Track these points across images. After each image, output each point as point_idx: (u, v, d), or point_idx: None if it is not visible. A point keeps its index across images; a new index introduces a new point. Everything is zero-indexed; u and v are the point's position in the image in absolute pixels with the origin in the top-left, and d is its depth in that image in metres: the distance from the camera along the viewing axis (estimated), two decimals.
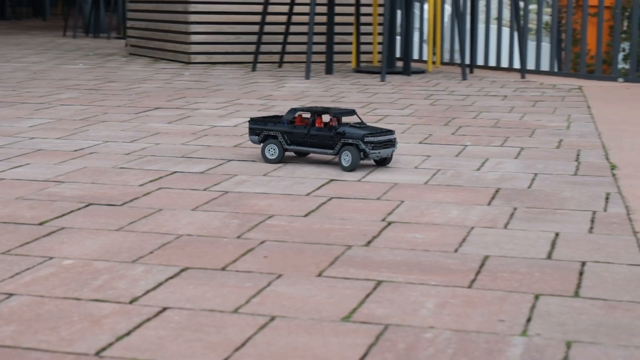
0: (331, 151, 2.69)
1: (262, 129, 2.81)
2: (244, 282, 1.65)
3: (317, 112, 2.73)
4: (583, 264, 1.79)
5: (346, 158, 2.65)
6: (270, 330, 1.42)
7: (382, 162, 2.74)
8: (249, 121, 2.85)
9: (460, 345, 1.37)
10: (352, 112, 2.75)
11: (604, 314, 1.51)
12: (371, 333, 1.41)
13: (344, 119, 3.83)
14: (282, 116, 2.83)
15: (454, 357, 1.32)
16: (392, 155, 2.72)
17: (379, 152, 2.65)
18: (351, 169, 2.65)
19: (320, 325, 1.45)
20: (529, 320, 1.48)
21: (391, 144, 2.69)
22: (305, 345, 1.36)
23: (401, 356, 1.32)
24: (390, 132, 2.70)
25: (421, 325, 1.45)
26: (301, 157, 2.86)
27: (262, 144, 2.79)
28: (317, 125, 2.73)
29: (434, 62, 6.51)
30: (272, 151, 2.77)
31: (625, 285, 1.66)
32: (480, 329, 1.44)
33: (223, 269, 1.74)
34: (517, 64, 6.27)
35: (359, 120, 2.87)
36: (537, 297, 1.59)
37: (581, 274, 1.73)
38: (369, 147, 2.63)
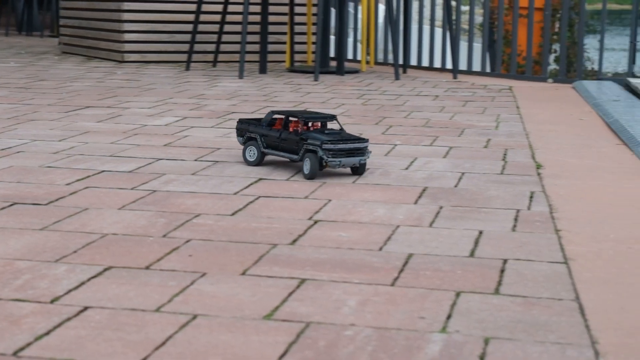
0: (296, 157, 2.60)
1: (245, 130, 2.74)
2: (168, 281, 1.65)
3: (288, 115, 2.63)
4: (505, 261, 1.82)
5: (306, 165, 2.55)
6: (191, 328, 1.42)
7: (356, 171, 2.61)
8: (237, 121, 2.81)
9: (380, 343, 1.38)
10: (329, 118, 2.62)
11: (523, 311, 1.53)
12: (292, 331, 1.42)
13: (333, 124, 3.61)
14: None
15: (373, 355, 1.33)
16: (361, 164, 2.57)
17: (340, 161, 2.51)
18: (309, 176, 2.54)
19: (242, 323, 1.45)
20: (449, 317, 1.50)
21: (358, 152, 2.54)
22: (225, 343, 1.36)
23: (321, 354, 1.33)
24: (360, 140, 2.56)
25: (342, 323, 1.46)
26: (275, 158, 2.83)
27: (244, 145, 2.74)
28: (291, 129, 2.65)
29: (367, 62, 6.54)
30: (252, 153, 2.71)
31: (545, 282, 1.69)
32: (400, 326, 1.45)
33: (147, 268, 1.73)
34: (449, 65, 6.33)
35: (340, 127, 2.69)
36: (458, 294, 1.61)
37: (502, 271, 1.75)
38: (328, 155, 2.51)
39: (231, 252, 1.85)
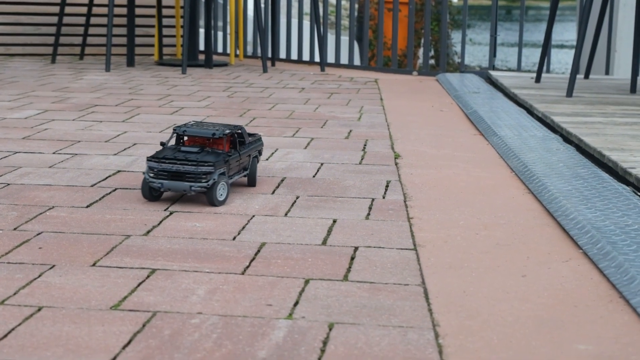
0: None
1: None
2: (15, 274, 1.63)
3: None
4: (356, 249, 1.85)
5: None
6: (35, 320, 1.41)
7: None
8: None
9: (225, 330, 1.39)
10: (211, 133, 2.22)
11: (369, 296, 1.57)
12: (138, 320, 1.42)
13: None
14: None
15: (217, 342, 1.35)
16: (192, 191, 2.13)
17: (161, 183, 2.13)
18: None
19: (87, 314, 1.44)
20: (296, 304, 1.52)
21: (190, 177, 2.13)
22: (69, 334, 1.36)
23: (165, 342, 1.34)
24: (198, 164, 2.13)
25: (189, 312, 1.47)
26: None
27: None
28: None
29: (237, 55, 6.54)
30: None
31: (393, 268, 1.73)
32: (247, 313, 1.47)
33: None
34: (318, 58, 6.37)
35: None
36: (307, 281, 1.64)
37: (352, 258, 1.78)
38: (149, 174, 2.16)
39: (83, 243, 1.83)
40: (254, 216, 2.08)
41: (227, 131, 2.25)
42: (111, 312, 1.46)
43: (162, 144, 2.25)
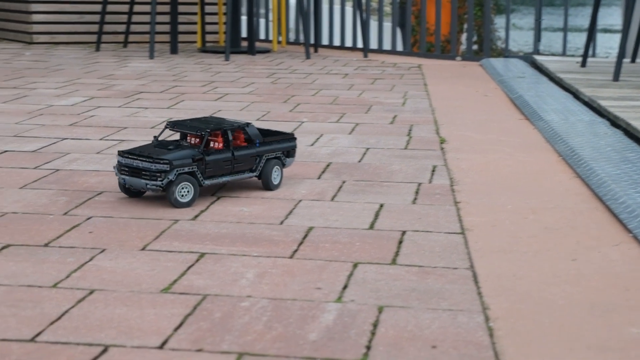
0: None
1: None
2: (66, 258, 1.65)
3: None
4: (403, 233, 1.85)
5: None
6: (87, 303, 1.42)
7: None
8: None
9: (275, 313, 1.40)
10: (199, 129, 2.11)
11: (418, 280, 1.57)
12: (189, 303, 1.43)
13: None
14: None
15: (268, 324, 1.35)
16: (149, 189, 2.02)
17: (124, 179, 2.05)
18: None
19: (139, 297, 1.46)
20: (345, 287, 1.52)
21: (145, 175, 2.01)
22: (121, 316, 1.37)
23: (216, 325, 1.35)
24: (154, 161, 2.00)
25: (239, 295, 1.47)
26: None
27: None
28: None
29: (279, 42, 6.55)
30: None
31: (441, 252, 1.72)
32: (296, 296, 1.47)
33: (46, 245, 1.72)
34: (360, 44, 6.35)
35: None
36: (355, 265, 1.64)
37: (400, 242, 1.78)
38: (116, 168, 2.09)
39: (132, 228, 1.85)
40: (300, 201, 2.09)
41: (208, 129, 2.08)
42: (162, 295, 1.47)
43: (154, 138, 2.14)
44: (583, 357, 1.27)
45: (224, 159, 2.10)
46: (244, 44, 6.46)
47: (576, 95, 3.87)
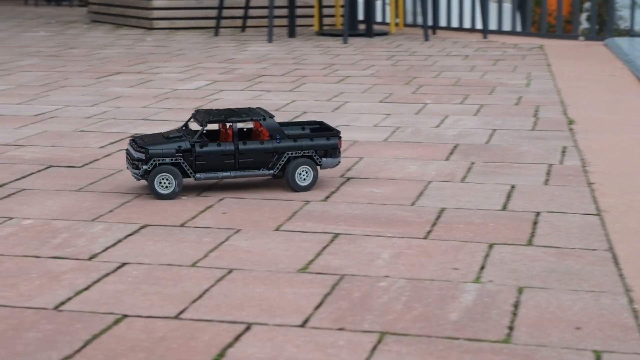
0: None
1: None
2: (203, 238, 1.67)
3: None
4: (537, 214, 1.82)
5: None
6: (227, 282, 1.44)
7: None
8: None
9: (414, 293, 1.39)
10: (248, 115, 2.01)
11: (556, 261, 1.54)
12: (327, 283, 1.43)
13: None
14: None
15: (407, 304, 1.35)
16: (133, 176, 1.99)
17: (127, 165, 2.02)
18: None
19: (277, 276, 1.47)
20: (482, 268, 1.51)
21: (131, 163, 1.97)
22: (261, 295, 1.38)
23: (355, 304, 1.35)
24: (137, 149, 1.96)
25: (376, 275, 1.47)
26: None
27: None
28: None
29: (396, 24, 6.52)
30: None
31: (578, 233, 1.69)
32: (434, 277, 1.46)
33: (182, 225, 1.75)
34: (479, 25, 6.29)
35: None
36: (491, 246, 1.62)
37: (535, 223, 1.76)
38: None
39: (264, 209, 1.86)
40: (430, 182, 2.07)
41: (208, 120, 1.97)
42: (299, 274, 1.47)
43: (183, 125, 2.06)
44: None
45: (222, 153, 1.97)
46: (361, 27, 6.46)
47: None
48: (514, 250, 1.60)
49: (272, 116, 2.02)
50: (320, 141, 2.02)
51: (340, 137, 2.03)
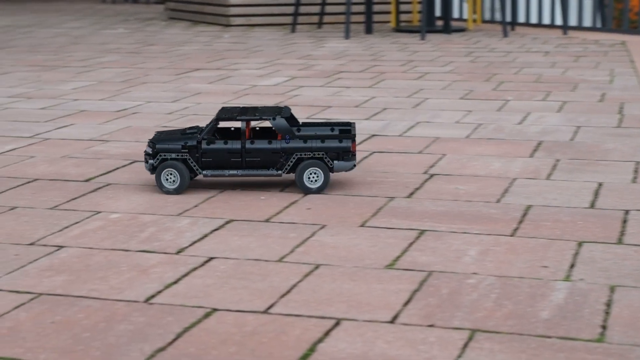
0: None
1: None
2: (288, 233, 1.67)
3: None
4: (626, 212, 1.79)
5: None
6: (314, 277, 1.44)
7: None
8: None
9: (504, 290, 1.38)
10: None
11: None
12: (415, 280, 1.43)
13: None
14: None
15: (497, 301, 1.33)
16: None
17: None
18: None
19: (364, 272, 1.46)
20: (572, 266, 1.48)
21: (146, 157, 1.99)
22: (349, 291, 1.38)
23: (444, 301, 1.34)
24: (147, 144, 2.00)
25: (464, 272, 1.46)
26: None
27: None
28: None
29: (474, 20, 6.47)
30: None
31: None
32: (523, 274, 1.45)
33: (267, 220, 1.75)
34: (559, 21, 6.21)
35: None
36: (580, 244, 1.60)
37: (625, 222, 1.73)
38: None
39: (349, 205, 1.86)
40: (515, 179, 2.05)
41: (220, 118, 1.96)
42: (387, 270, 1.47)
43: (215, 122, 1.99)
44: None
45: (229, 151, 1.95)
46: (438, 23, 6.42)
47: None
48: (604, 248, 1.57)
49: (288, 116, 1.97)
50: (331, 143, 1.95)
51: (354, 141, 1.96)
